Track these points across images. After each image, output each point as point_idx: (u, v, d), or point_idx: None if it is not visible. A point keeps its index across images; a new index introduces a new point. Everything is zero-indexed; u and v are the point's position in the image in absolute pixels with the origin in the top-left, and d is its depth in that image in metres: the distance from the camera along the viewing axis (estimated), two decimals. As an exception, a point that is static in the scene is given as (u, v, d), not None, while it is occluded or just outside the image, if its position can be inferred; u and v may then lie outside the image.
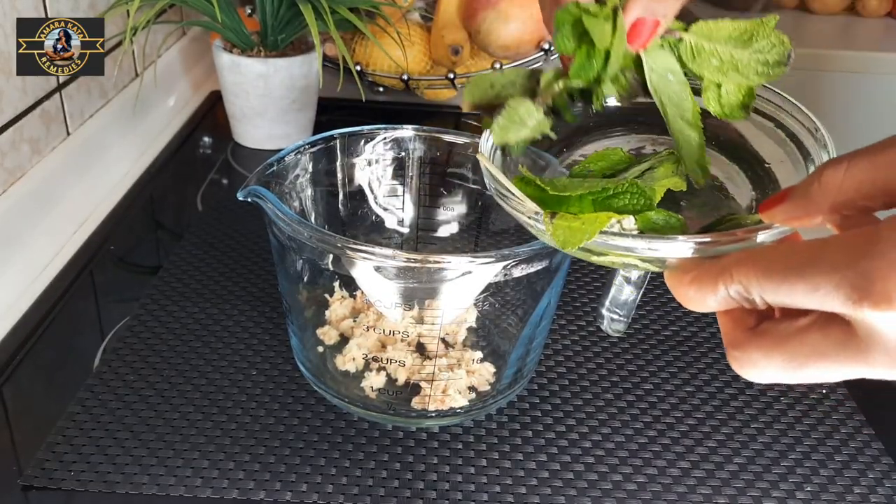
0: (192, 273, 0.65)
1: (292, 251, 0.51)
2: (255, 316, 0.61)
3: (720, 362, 0.60)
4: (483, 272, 0.47)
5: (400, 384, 0.53)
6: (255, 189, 0.47)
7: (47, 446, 0.48)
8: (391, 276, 0.47)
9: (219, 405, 0.52)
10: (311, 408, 0.53)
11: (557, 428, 0.52)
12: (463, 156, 0.59)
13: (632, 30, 0.40)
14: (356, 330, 0.55)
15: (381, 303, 0.49)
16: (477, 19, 0.96)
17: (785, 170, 0.40)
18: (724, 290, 0.29)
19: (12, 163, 0.67)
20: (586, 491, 0.48)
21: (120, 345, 0.57)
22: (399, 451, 0.50)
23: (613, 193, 0.36)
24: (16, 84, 0.67)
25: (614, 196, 0.36)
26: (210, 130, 0.96)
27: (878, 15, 1.80)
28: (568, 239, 0.34)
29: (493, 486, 0.48)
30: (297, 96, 0.86)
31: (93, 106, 0.82)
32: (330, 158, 0.57)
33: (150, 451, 0.48)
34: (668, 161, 0.42)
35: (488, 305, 0.59)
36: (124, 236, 0.73)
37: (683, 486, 0.49)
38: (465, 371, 0.53)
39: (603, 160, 0.43)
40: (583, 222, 0.34)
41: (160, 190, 0.82)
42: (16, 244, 0.66)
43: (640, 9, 0.40)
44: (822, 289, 0.26)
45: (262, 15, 0.82)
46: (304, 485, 0.47)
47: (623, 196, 0.36)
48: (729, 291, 0.29)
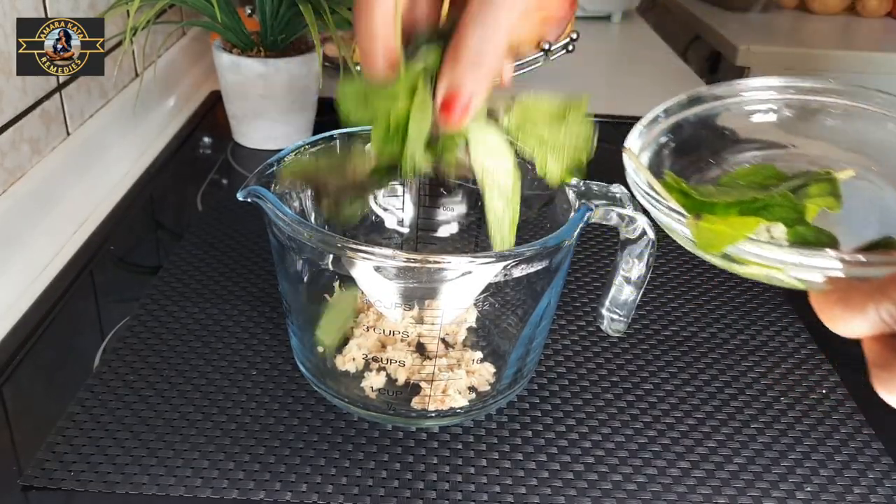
0: (192, 273, 0.65)
1: (292, 251, 0.51)
2: (255, 316, 0.61)
3: (720, 362, 0.60)
4: (483, 272, 0.47)
5: (400, 384, 0.53)
6: (255, 189, 0.47)
7: (47, 446, 0.48)
8: (391, 276, 0.47)
9: (219, 405, 0.52)
10: (311, 408, 0.53)
11: (557, 428, 0.52)
12: (463, 156, 0.59)
13: (443, 108, 0.38)
14: (356, 330, 0.55)
15: (381, 303, 0.49)
16: (477, 19, 0.96)
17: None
18: (875, 311, 0.28)
19: (12, 163, 0.67)
20: (586, 491, 0.48)
21: (120, 345, 0.57)
22: (399, 451, 0.50)
23: (764, 205, 0.34)
24: (16, 84, 0.67)
25: (765, 208, 0.34)
26: (210, 130, 0.96)
27: (878, 15, 1.80)
28: (711, 241, 0.32)
29: (493, 486, 0.48)
30: (297, 96, 0.86)
31: (93, 106, 0.82)
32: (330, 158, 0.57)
33: (150, 451, 0.48)
34: (823, 180, 0.39)
35: (488, 305, 0.59)
36: (124, 236, 0.73)
37: (683, 486, 0.49)
38: (464, 371, 0.53)
39: (753, 175, 0.41)
40: (729, 225, 0.32)
41: (160, 190, 0.82)
42: (16, 244, 0.66)
43: (444, 87, 0.38)
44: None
45: (262, 15, 0.82)
46: (304, 485, 0.47)
47: (774, 208, 0.34)
48: (880, 312, 0.28)
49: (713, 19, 1.74)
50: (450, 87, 0.38)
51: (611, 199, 0.50)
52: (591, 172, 0.48)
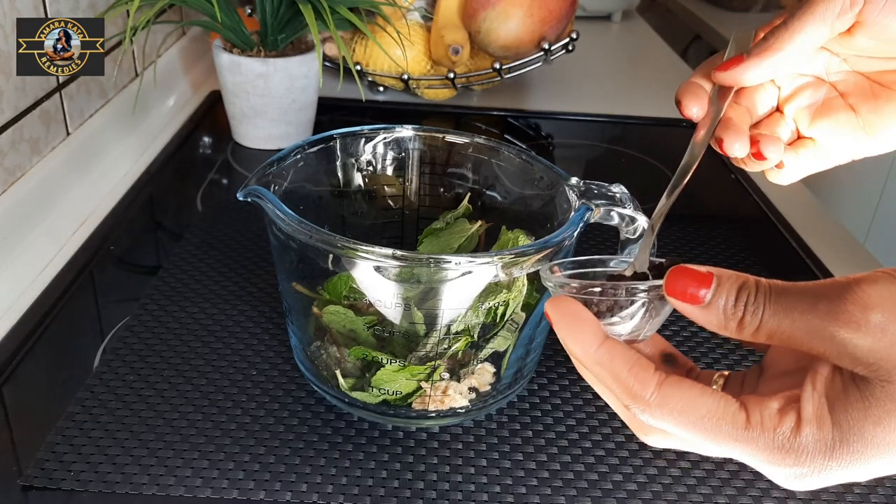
0: (192, 273, 0.65)
1: (292, 251, 0.51)
2: (255, 316, 0.61)
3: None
4: (483, 272, 0.47)
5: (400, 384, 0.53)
6: (255, 189, 0.47)
7: (47, 446, 0.48)
8: (391, 276, 0.47)
9: (218, 405, 0.52)
10: (311, 408, 0.53)
11: (557, 428, 0.52)
12: (463, 156, 0.59)
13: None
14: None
15: (381, 303, 0.49)
16: (477, 19, 0.96)
17: None
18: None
19: (12, 163, 0.67)
20: (586, 491, 0.48)
21: (120, 345, 0.57)
22: (399, 451, 0.50)
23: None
24: (16, 84, 0.67)
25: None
26: (210, 130, 0.96)
27: (879, 15, 1.80)
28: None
29: (493, 486, 0.48)
30: (297, 96, 0.86)
31: (93, 106, 0.82)
32: (329, 158, 0.57)
33: (150, 451, 0.48)
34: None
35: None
36: (124, 236, 0.73)
37: (683, 486, 0.48)
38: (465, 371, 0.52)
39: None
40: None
41: (160, 190, 0.82)
42: (16, 244, 0.66)
43: None
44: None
45: (262, 15, 0.82)
46: (304, 485, 0.47)
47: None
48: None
49: (713, 19, 1.74)
50: None
51: (611, 199, 0.50)
52: (591, 172, 0.48)
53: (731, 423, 0.30)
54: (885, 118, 0.40)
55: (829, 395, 0.29)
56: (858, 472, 0.29)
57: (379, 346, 0.50)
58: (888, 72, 0.40)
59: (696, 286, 0.30)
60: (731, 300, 0.30)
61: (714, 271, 0.31)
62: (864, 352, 0.27)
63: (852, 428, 0.28)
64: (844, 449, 0.28)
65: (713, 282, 0.30)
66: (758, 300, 0.29)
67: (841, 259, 0.76)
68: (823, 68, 0.42)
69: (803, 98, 0.42)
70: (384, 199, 0.61)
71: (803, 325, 0.28)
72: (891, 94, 0.40)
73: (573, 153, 1.01)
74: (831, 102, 0.41)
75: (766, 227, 0.82)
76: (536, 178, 0.56)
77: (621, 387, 0.32)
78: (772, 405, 0.30)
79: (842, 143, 0.41)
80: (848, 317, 0.27)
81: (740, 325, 0.30)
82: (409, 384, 0.50)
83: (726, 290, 0.30)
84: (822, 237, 0.80)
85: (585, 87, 1.16)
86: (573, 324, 0.33)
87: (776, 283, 0.30)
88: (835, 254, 0.77)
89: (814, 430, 0.29)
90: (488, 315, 0.49)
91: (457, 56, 0.97)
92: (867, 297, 0.27)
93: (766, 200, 0.86)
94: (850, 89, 0.41)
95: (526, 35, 0.96)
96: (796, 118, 0.42)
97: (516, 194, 0.58)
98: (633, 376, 0.31)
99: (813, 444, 0.29)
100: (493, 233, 0.58)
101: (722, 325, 0.30)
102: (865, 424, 0.28)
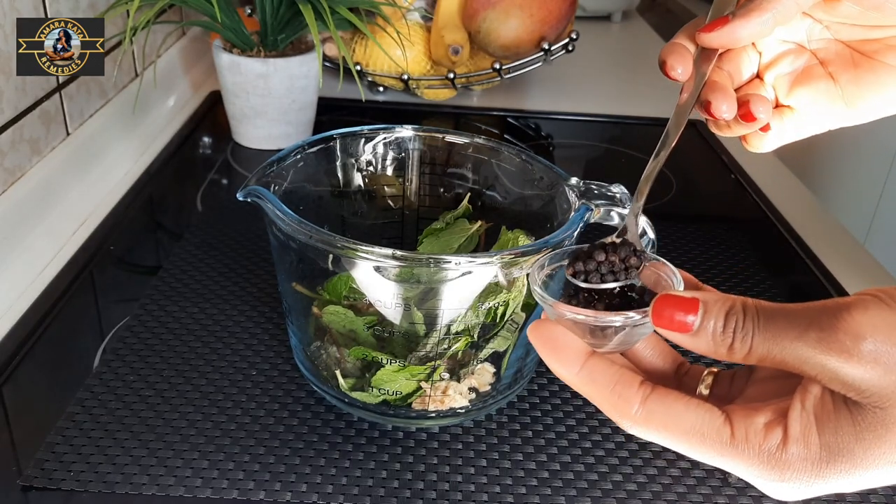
0: (192, 273, 0.65)
1: (292, 251, 0.51)
2: (255, 316, 0.61)
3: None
4: (483, 272, 0.47)
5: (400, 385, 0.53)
6: (255, 189, 0.47)
7: (47, 446, 0.48)
8: (391, 277, 0.47)
9: (218, 405, 0.52)
10: (310, 408, 0.53)
11: (557, 428, 0.52)
12: (463, 156, 0.59)
13: None
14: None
15: (381, 303, 0.49)
16: (477, 19, 0.96)
17: None
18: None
19: (12, 163, 0.67)
20: (586, 491, 0.48)
21: (120, 345, 0.57)
22: (399, 451, 0.50)
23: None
24: (16, 84, 0.67)
25: None
26: (210, 130, 0.96)
27: (878, 15, 1.79)
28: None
29: (493, 486, 0.48)
30: (297, 96, 0.86)
31: (92, 106, 0.82)
32: (329, 158, 0.57)
33: (150, 451, 0.48)
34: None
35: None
36: (124, 236, 0.73)
37: (683, 486, 0.49)
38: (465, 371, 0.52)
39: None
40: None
41: (160, 190, 0.82)
42: (16, 244, 0.66)
43: None
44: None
45: (261, 15, 0.82)
46: (304, 485, 0.47)
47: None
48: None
49: (713, 19, 1.73)
50: None
51: (611, 199, 0.50)
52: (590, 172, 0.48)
53: (716, 438, 0.30)
54: (864, 88, 0.40)
55: (819, 414, 0.29)
56: (847, 485, 0.29)
57: (379, 347, 0.50)
58: (870, 41, 0.40)
59: (682, 313, 0.30)
60: (720, 325, 0.30)
61: (699, 296, 0.30)
62: (857, 380, 0.27)
63: (842, 450, 0.28)
64: (832, 468, 0.29)
65: (700, 307, 0.30)
66: (746, 325, 0.29)
67: (841, 259, 0.76)
68: (805, 35, 0.41)
69: (784, 65, 0.41)
70: (384, 200, 0.61)
71: (793, 353, 0.28)
72: (871, 63, 0.40)
73: (573, 153, 1.01)
74: (811, 70, 0.41)
75: (766, 227, 0.82)
76: (536, 179, 0.56)
77: (606, 405, 0.32)
78: (758, 420, 0.30)
79: (820, 111, 0.41)
80: (839, 346, 0.27)
81: (730, 350, 0.30)
82: (408, 384, 0.50)
83: (714, 314, 0.30)
84: (822, 237, 0.80)
85: (585, 87, 1.16)
86: (554, 349, 0.33)
87: (763, 306, 0.29)
88: (835, 254, 0.77)
89: (800, 448, 0.29)
90: (488, 315, 0.49)
91: (457, 56, 0.97)
92: (858, 326, 0.27)
93: (766, 200, 0.86)
94: (831, 57, 0.41)
95: (526, 35, 0.96)
96: (775, 86, 0.41)
97: (516, 194, 0.58)
98: (617, 395, 0.32)
99: (799, 462, 0.29)
100: (493, 233, 0.58)
101: (712, 350, 0.30)
102: (856, 447, 0.28)
